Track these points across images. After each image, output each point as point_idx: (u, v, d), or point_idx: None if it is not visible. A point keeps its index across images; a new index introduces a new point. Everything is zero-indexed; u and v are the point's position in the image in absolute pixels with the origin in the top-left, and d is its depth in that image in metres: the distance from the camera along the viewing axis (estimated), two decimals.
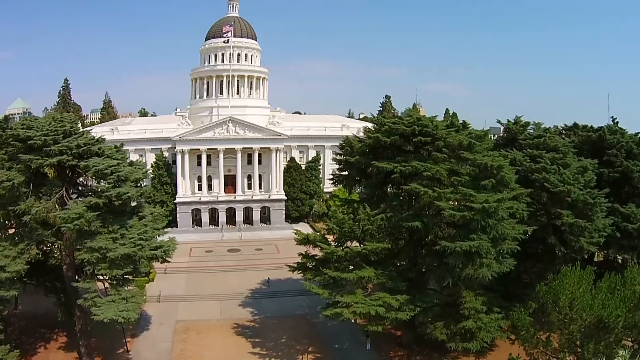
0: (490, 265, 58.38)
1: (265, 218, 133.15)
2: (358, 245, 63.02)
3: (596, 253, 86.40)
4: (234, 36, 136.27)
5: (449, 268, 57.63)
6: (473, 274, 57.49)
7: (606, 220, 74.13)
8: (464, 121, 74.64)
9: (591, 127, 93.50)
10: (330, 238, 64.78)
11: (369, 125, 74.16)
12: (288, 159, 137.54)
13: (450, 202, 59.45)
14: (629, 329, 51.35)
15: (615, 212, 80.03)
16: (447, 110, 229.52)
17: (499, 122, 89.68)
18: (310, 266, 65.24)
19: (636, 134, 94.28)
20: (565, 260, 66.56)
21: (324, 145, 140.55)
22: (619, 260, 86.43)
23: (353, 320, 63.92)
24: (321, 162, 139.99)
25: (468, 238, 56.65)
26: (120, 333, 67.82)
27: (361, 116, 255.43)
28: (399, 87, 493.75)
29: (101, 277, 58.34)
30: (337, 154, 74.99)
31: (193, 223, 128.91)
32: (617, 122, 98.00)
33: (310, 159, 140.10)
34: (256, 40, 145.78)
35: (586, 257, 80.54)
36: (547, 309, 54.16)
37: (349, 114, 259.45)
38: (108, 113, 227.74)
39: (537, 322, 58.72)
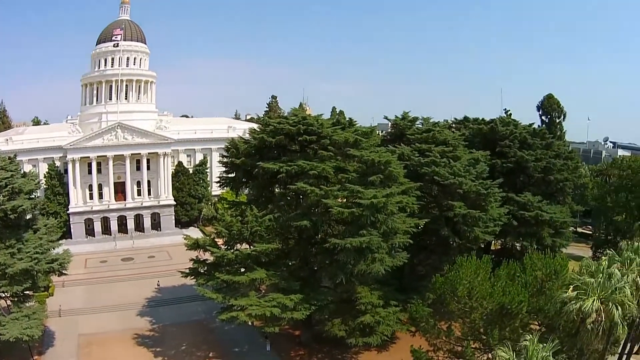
0: (383, 260, 59.91)
1: (156, 224, 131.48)
2: (248, 247, 63.75)
3: (493, 242, 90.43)
4: (124, 40, 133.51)
5: (341, 265, 58.74)
6: (366, 270, 58.85)
7: (501, 210, 76.98)
8: (350, 119, 76.23)
9: (482, 119, 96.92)
10: (220, 241, 65.15)
11: (255, 126, 75.28)
12: (176, 163, 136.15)
13: (339, 200, 60.42)
14: (535, 313, 53.69)
15: (511, 201, 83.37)
16: (333, 109, 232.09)
17: (386, 118, 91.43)
18: (202, 271, 65.46)
19: (530, 125, 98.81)
20: (461, 251, 68.78)
21: (211, 148, 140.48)
22: (517, 248, 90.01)
23: (250, 323, 64.79)
24: (208, 165, 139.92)
25: (358, 234, 57.88)
26: (27, 351, 65.52)
27: (248, 117, 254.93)
28: (286, 87, 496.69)
29: (3, 295, 57.46)
30: (223, 156, 75.34)
31: (86, 233, 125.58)
32: (510, 114, 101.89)
33: (197, 162, 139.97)
34: (145, 44, 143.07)
35: (483, 246, 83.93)
36: (445, 299, 55.55)
37: (235, 115, 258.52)
38: (3, 122, 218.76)
39: (437, 312, 60.28)
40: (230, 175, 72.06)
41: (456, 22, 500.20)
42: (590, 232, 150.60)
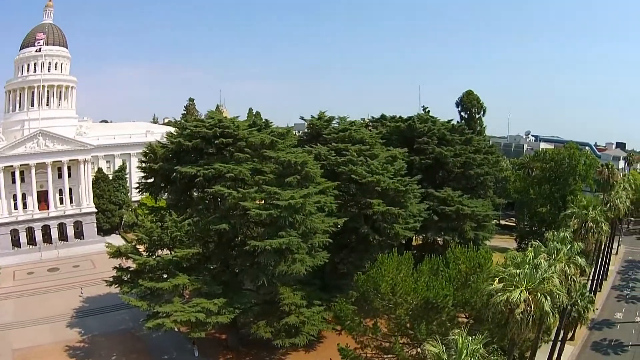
0: (304, 260, 61.41)
1: (79, 233, 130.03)
2: (169, 252, 64.08)
3: (414, 237, 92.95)
4: (47, 44, 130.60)
5: (262, 267, 60.06)
6: (287, 270, 60.26)
7: (421, 206, 79.76)
8: (266, 120, 77.41)
9: (400, 117, 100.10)
10: (142, 248, 65.59)
11: (173, 130, 75.72)
12: (96, 169, 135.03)
13: (257, 202, 61.64)
14: (461, 306, 55.42)
15: (431, 197, 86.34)
16: (250, 110, 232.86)
17: (302, 118, 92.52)
18: (125, 279, 65.71)
19: (449, 121, 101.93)
20: (382, 248, 71.26)
21: (130, 153, 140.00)
22: (440, 242, 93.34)
23: (176, 329, 65.09)
24: (127, 170, 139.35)
25: (277, 235, 59.30)
26: None
27: (166, 121, 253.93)
28: (204, 89, 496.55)
29: None
30: (141, 161, 75.45)
31: (12, 244, 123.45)
32: (429, 110, 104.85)
33: (117, 168, 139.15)
34: (67, 48, 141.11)
35: (404, 242, 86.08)
36: (369, 297, 56.71)
37: (153, 119, 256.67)
38: None
39: (361, 310, 61.50)
40: (148, 181, 72.30)
41: (376, 20, 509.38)
42: (514, 224, 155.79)
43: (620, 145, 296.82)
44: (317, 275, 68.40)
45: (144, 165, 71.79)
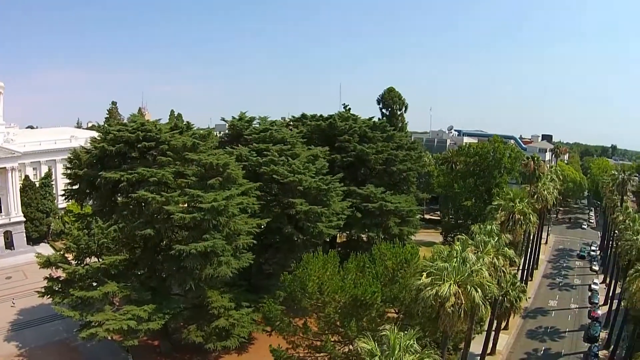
0: (229, 263, 64.14)
1: (9, 243, 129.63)
2: (97, 260, 65.51)
3: (339, 234, 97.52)
4: None
5: (188, 271, 62.25)
6: (213, 273, 62.78)
7: (344, 203, 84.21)
8: (187, 122, 79.74)
9: (320, 116, 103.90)
10: (71, 256, 66.49)
11: (96, 134, 76.53)
12: (23, 177, 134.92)
13: (181, 205, 64.01)
14: (390, 302, 57.76)
15: (354, 194, 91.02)
16: (172, 112, 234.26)
17: (223, 120, 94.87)
18: (57, 289, 66.44)
19: (370, 119, 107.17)
20: (306, 247, 75.64)
21: (55, 160, 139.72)
22: (364, 239, 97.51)
23: (109, 338, 66.48)
24: (53, 177, 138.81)
25: (202, 238, 61.83)
26: None
27: (89, 125, 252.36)
28: (127, 91, 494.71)
29: None
30: (66, 167, 75.03)
31: None
32: (349, 108, 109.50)
33: (43, 175, 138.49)
34: None
35: (328, 240, 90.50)
36: (296, 296, 59.09)
37: (77, 124, 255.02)
38: None
39: (290, 310, 65.04)
40: (74, 187, 73.10)
41: (297, 19, 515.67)
42: (439, 218, 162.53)
43: (547, 138, 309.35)
44: (244, 276, 70.90)
45: (68, 171, 72.09)
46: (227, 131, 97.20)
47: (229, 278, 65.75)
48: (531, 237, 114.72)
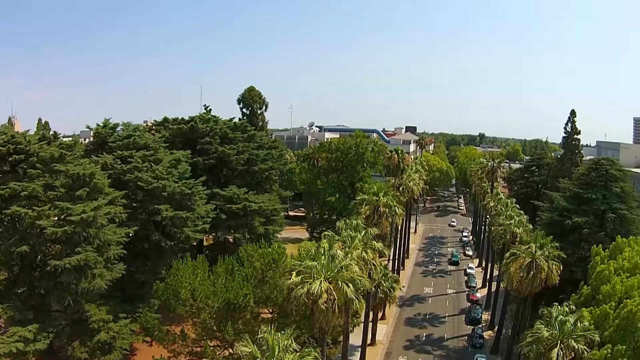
0: (103, 275, 67.44)
1: None
2: None
3: (205, 237, 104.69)
4: None
5: (65, 286, 64.59)
6: (89, 287, 65.59)
7: (208, 206, 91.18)
8: (54, 132, 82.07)
9: (182, 119, 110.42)
10: None
11: None
12: None
13: (53, 218, 66.56)
14: (263, 303, 63.61)
15: (217, 196, 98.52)
16: (39, 121, 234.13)
17: (88, 127, 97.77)
18: None
19: (231, 119, 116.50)
20: (175, 252, 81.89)
21: None
22: (231, 240, 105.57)
23: None
24: None
25: (75, 252, 64.53)
26: None
27: None
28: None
29: None
30: None
31: None
32: (210, 109, 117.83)
33: None
34: None
35: (195, 244, 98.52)
36: (171, 304, 63.98)
37: None
38: None
39: (167, 318, 70.57)
40: None
41: (148, 16, 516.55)
42: (304, 214, 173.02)
43: (411, 129, 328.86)
44: (118, 287, 73.94)
45: None
46: (91, 139, 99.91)
47: (104, 290, 68.54)
48: (399, 228, 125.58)
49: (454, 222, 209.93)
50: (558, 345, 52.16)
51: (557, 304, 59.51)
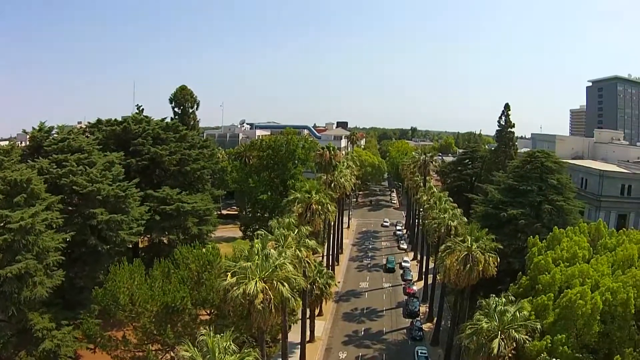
0: (44, 282, 67.95)
1: None
2: None
3: (140, 239, 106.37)
4: None
5: (8, 295, 64.44)
6: (31, 295, 65.87)
7: (142, 208, 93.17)
8: None
9: (115, 120, 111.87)
10: None
11: None
12: None
13: None
14: (200, 305, 66.04)
15: (151, 198, 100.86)
16: None
17: (24, 131, 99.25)
18: None
19: (163, 119, 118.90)
20: (111, 256, 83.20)
21: None
22: (165, 242, 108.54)
23: None
24: None
25: (15, 260, 64.86)
26: None
27: None
28: None
29: None
30: None
31: None
32: (143, 109, 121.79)
33: None
34: None
35: (131, 246, 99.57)
36: (110, 310, 65.72)
37: None
38: None
39: (107, 323, 72.12)
40: None
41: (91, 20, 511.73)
42: (237, 213, 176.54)
43: (342, 125, 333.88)
44: (58, 294, 73.80)
45: None
46: (27, 143, 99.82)
47: (45, 298, 68.50)
48: (332, 224, 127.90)
49: (386, 221, 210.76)
50: (499, 336, 54.45)
51: (494, 295, 62.53)
